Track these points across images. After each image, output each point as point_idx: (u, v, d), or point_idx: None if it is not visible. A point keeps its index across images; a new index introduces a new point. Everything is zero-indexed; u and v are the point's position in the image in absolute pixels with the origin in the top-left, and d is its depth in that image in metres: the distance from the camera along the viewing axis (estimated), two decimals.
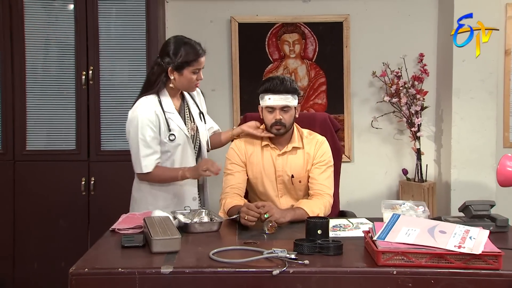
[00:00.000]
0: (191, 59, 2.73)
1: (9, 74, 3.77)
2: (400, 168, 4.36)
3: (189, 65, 2.74)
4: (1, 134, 3.80)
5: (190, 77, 2.77)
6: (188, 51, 2.74)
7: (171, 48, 2.75)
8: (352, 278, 1.92)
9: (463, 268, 1.91)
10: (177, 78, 2.77)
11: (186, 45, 2.76)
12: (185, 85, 2.81)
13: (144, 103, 2.74)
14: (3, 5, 3.74)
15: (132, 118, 2.74)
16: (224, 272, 1.90)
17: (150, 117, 2.71)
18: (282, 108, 2.75)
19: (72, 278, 1.86)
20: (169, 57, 2.73)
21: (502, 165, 2.18)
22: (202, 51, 2.79)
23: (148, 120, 2.71)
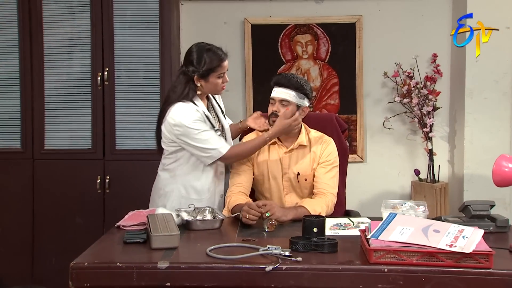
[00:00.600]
0: (215, 65, 2.82)
1: (28, 75, 3.89)
2: (413, 168, 4.35)
3: (214, 71, 2.82)
4: (21, 133, 3.92)
5: (216, 82, 2.86)
6: (212, 58, 2.81)
7: (195, 57, 2.82)
8: (344, 275, 1.96)
9: (454, 266, 1.94)
10: (203, 85, 2.85)
11: (208, 52, 2.83)
12: (212, 89, 2.91)
13: (184, 106, 2.80)
14: (23, 8, 3.86)
15: (180, 123, 2.77)
16: (218, 268, 1.97)
17: (196, 115, 2.79)
18: (281, 101, 2.82)
19: (72, 271, 1.95)
20: (193, 66, 2.81)
21: (498, 165, 2.20)
22: (224, 55, 2.88)
23: (196, 117, 2.78)
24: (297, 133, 2.92)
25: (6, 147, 3.94)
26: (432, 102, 4.08)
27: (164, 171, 2.93)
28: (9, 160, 3.93)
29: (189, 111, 2.78)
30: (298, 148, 2.90)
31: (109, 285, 1.98)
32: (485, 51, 4.01)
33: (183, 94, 2.81)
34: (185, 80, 2.83)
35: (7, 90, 3.92)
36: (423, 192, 4.14)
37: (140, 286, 1.95)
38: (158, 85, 3.89)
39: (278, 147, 2.92)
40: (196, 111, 2.80)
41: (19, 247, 3.95)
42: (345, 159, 3.23)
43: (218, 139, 2.84)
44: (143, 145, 3.89)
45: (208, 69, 2.80)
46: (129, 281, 1.95)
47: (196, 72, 2.80)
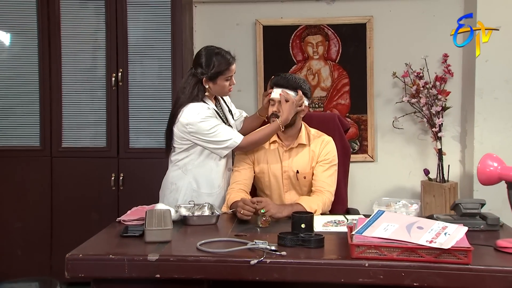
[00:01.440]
0: (223, 69, 2.92)
1: (47, 76, 4.06)
2: (424, 168, 4.37)
3: (222, 74, 2.93)
4: (40, 132, 4.10)
5: (223, 84, 2.96)
6: (220, 61, 2.91)
7: (204, 60, 2.92)
8: (326, 269, 2.03)
9: (433, 262, 1.99)
10: (212, 87, 2.96)
11: (217, 56, 2.93)
12: (219, 91, 3.01)
13: (196, 105, 2.91)
14: (42, 12, 4.03)
15: (193, 121, 2.87)
16: (205, 261, 2.05)
17: (207, 112, 2.90)
18: (281, 102, 2.89)
19: (68, 262, 2.07)
20: (202, 68, 2.92)
21: (483, 164, 2.23)
22: (232, 59, 2.97)
23: (207, 114, 2.89)
24: (297, 132, 2.99)
25: (26, 145, 4.12)
26: (441, 102, 4.10)
27: (175, 167, 3.03)
28: (29, 157, 4.11)
29: (200, 109, 2.89)
30: (298, 146, 2.97)
31: (102, 276, 2.09)
32: (495, 51, 4.04)
33: (193, 95, 2.92)
34: (194, 82, 2.94)
35: (27, 91, 4.11)
36: (433, 192, 4.16)
37: (131, 277, 2.05)
38: (170, 86, 4.01)
39: (278, 145, 2.99)
40: (208, 109, 2.91)
41: (38, 241, 4.12)
42: (348, 158, 3.29)
43: (231, 130, 2.96)
44: (156, 143, 4.02)
45: (216, 72, 2.91)
46: (121, 272, 2.05)
47: (205, 74, 2.91)
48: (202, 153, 2.98)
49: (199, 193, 2.97)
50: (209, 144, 2.93)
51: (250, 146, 2.96)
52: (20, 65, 4.10)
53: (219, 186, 3.02)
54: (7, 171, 4.13)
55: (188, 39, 4.25)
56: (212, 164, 3.00)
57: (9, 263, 4.10)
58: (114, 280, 2.10)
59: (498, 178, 2.20)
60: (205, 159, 3.00)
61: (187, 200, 2.89)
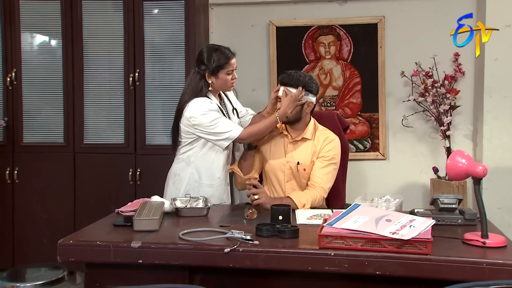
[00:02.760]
0: (223, 62, 3.10)
1: (70, 77, 4.32)
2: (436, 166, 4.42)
3: (223, 68, 3.11)
4: (64, 129, 4.35)
5: (225, 78, 3.14)
6: (220, 56, 3.11)
7: (205, 56, 3.12)
8: (294, 258, 2.16)
9: (395, 252, 2.10)
10: (214, 81, 3.14)
11: (216, 51, 3.12)
12: (222, 86, 3.18)
13: (199, 99, 3.09)
14: (66, 18, 4.29)
15: (196, 115, 3.06)
16: (183, 248, 2.22)
17: (209, 106, 3.08)
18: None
19: (59, 248, 2.27)
20: (204, 64, 3.11)
21: (452, 161, 2.30)
22: (231, 54, 3.15)
23: (209, 108, 3.07)
24: (304, 126, 3.12)
25: (51, 141, 4.39)
26: (449, 101, 4.13)
27: (179, 159, 3.23)
28: (53, 153, 4.38)
29: (203, 103, 3.08)
30: (302, 140, 3.11)
31: (90, 260, 2.29)
32: (504, 50, 4.06)
33: (197, 90, 3.12)
34: (198, 78, 3.14)
35: (52, 91, 4.37)
36: (441, 189, 4.21)
37: (117, 262, 2.24)
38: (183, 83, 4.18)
39: (285, 137, 3.14)
40: (210, 103, 3.10)
41: (62, 231, 4.36)
42: (346, 155, 3.39)
43: (231, 123, 3.13)
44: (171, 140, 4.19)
45: (217, 66, 3.09)
46: (107, 257, 2.24)
47: (207, 69, 3.10)
48: (205, 145, 3.15)
49: (200, 184, 3.15)
50: (211, 136, 3.10)
51: (250, 137, 3.12)
52: (46, 66, 4.37)
53: (219, 178, 3.18)
54: (34, 166, 4.40)
55: (203, 40, 4.42)
56: (214, 156, 3.17)
57: (36, 251, 4.37)
58: (102, 264, 2.28)
59: (465, 174, 2.27)
60: (207, 151, 3.16)
61: (189, 190, 3.08)
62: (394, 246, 2.11)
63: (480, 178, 2.25)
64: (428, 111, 4.27)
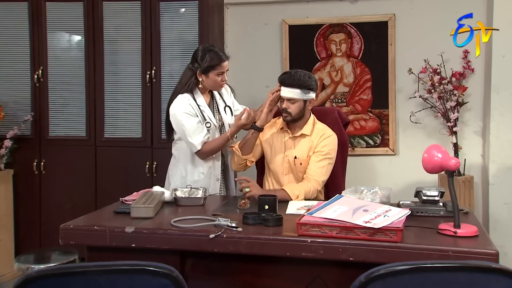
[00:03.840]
0: (215, 64, 3.25)
1: (91, 74, 4.56)
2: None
3: (214, 68, 3.26)
4: (86, 124, 4.60)
5: (215, 78, 3.28)
6: (213, 57, 3.25)
7: (199, 55, 3.28)
8: (274, 244, 2.32)
9: (367, 240, 2.24)
10: (204, 80, 3.30)
11: (210, 52, 3.27)
12: (211, 85, 3.34)
13: (180, 99, 3.28)
14: (88, 18, 4.53)
15: (173, 113, 3.28)
16: (172, 234, 2.41)
17: (186, 109, 3.25)
18: (289, 99, 3.17)
19: (61, 231, 2.48)
20: (197, 62, 3.27)
21: (428, 154, 2.41)
22: (225, 57, 3.30)
23: (186, 112, 3.25)
24: (303, 123, 3.26)
25: (74, 135, 4.65)
26: (456, 97, 4.19)
27: (172, 157, 3.43)
28: (76, 146, 4.63)
29: (182, 104, 3.25)
30: (300, 136, 3.25)
31: (89, 244, 2.50)
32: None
33: (187, 85, 3.29)
34: (190, 74, 3.31)
35: (75, 88, 4.62)
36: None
37: (112, 246, 2.44)
38: None
39: (285, 132, 3.29)
40: (189, 105, 3.25)
41: None
42: (346, 150, 3.52)
43: (198, 134, 3.25)
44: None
45: (208, 66, 3.24)
46: (104, 241, 2.44)
47: (199, 68, 3.25)
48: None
49: (187, 180, 3.33)
50: (183, 138, 3.31)
51: (207, 154, 3.31)
52: (70, 64, 4.62)
53: (203, 173, 3.35)
54: (59, 158, 4.67)
55: (218, 38, 4.60)
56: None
57: None
58: (101, 248, 2.49)
59: (440, 167, 2.38)
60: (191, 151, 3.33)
61: (178, 185, 3.25)
62: (366, 234, 2.24)
63: (453, 171, 2.35)
64: (435, 107, 4.33)
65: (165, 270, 1.57)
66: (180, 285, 1.58)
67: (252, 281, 2.49)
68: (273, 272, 2.46)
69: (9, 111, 4.66)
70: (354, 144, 4.67)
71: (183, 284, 1.59)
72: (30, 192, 4.73)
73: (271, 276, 2.47)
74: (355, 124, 4.65)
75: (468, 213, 2.75)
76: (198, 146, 3.25)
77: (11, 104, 4.70)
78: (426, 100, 4.33)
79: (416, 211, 2.66)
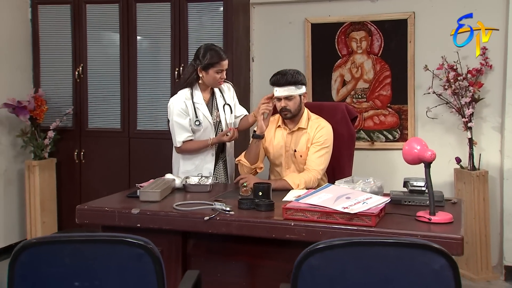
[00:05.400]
0: (214, 61, 3.49)
1: (126, 71, 4.90)
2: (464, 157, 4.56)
3: (213, 66, 3.50)
4: (120, 117, 4.95)
5: (214, 76, 3.52)
6: (213, 55, 3.49)
7: (201, 52, 3.53)
8: (261, 226, 2.55)
9: (345, 224, 2.44)
10: (204, 76, 3.54)
11: (211, 50, 3.51)
12: (210, 82, 3.57)
13: (178, 96, 3.57)
14: (123, 19, 4.87)
15: (169, 107, 3.60)
16: (172, 215, 2.68)
17: (180, 106, 3.53)
18: (286, 97, 3.37)
19: (77, 211, 2.80)
20: (199, 59, 3.52)
21: (409, 146, 2.56)
22: (225, 56, 3.53)
23: (178, 109, 3.53)
24: (299, 118, 3.46)
25: (110, 127, 5.01)
26: (471, 93, 4.28)
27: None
28: (112, 138, 4.99)
29: (177, 101, 3.54)
30: (298, 130, 3.45)
31: (100, 223, 2.80)
32: None
33: (187, 80, 3.57)
34: (191, 70, 3.58)
35: (111, 83, 4.98)
36: (463, 179, 4.37)
37: (120, 225, 2.73)
38: None
39: (283, 129, 3.49)
40: (183, 102, 3.52)
41: None
42: (352, 143, 3.70)
43: (182, 133, 3.54)
44: None
45: (208, 63, 3.48)
46: (113, 221, 2.74)
47: (200, 64, 3.51)
48: None
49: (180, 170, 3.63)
50: (170, 130, 3.62)
51: (185, 152, 3.62)
52: (106, 61, 4.98)
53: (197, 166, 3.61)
54: (97, 148, 5.05)
55: (243, 37, 4.84)
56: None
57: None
58: (111, 227, 2.78)
59: (418, 159, 2.54)
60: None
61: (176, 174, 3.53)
62: (344, 219, 2.44)
63: (430, 162, 2.50)
64: (450, 103, 4.43)
65: (140, 242, 1.81)
66: (154, 255, 1.81)
67: (246, 260, 2.74)
68: (264, 253, 2.69)
69: (53, 104, 5.08)
70: (374, 138, 4.82)
71: (157, 255, 1.82)
72: (71, 179, 5.15)
73: (263, 256, 2.70)
74: (374, 119, 4.81)
75: (456, 203, 2.89)
76: (178, 143, 3.56)
77: (55, 98, 5.10)
78: (440, 96, 4.43)
79: (403, 200, 2.83)
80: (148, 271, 1.82)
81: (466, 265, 4.40)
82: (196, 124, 3.56)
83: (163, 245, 2.74)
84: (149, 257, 1.82)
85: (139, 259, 1.81)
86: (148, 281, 1.83)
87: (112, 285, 1.84)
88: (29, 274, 1.81)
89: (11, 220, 5.10)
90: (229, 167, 3.76)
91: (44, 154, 5.03)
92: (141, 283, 1.84)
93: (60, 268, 1.82)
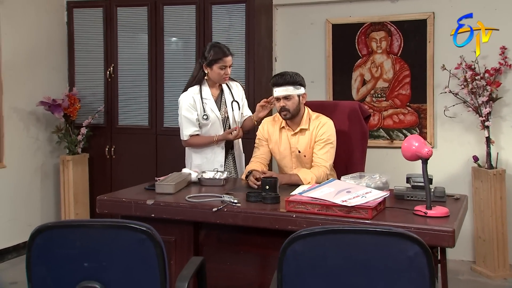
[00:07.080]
0: (218, 57, 3.67)
1: (153, 70, 5.13)
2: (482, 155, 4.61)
3: (217, 62, 3.68)
4: (148, 115, 5.18)
5: (218, 71, 3.70)
6: (217, 51, 3.68)
7: (206, 49, 3.74)
8: (265, 218, 2.70)
9: (343, 216, 2.57)
10: (209, 72, 3.73)
11: (215, 47, 3.71)
12: (215, 77, 3.75)
13: (187, 92, 3.77)
14: (151, 21, 5.10)
15: (178, 102, 3.81)
16: (184, 206, 2.85)
17: (189, 101, 3.73)
18: (285, 97, 3.49)
19: (98, 202, 3.01)
20: (204, 56, 3.72)
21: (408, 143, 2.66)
22: (228, 52, 3.70)
23: (187, 104, 3.72)
24: (300, 118, 3.56)
25: (139, 124, 5.24)
26: (488, 93, 4.33)
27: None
28: (140, 134, 5.23)
29: (186, 97, 3.75)
30: (301, 131, 3.56)
31: (118, 213, 2.99)
32: None
33: (196, 77, 3.78)
34: (198, 67, 3.79)
35: (140, 83, 5.21)
36: (480, 178, 4.42)
37: (136, 215, 2.91)
38: (243, 77, 4.80)
39: (287, 130, 3.61)
40: (191, 98, 3.72)
41: None
42: (365, 141, 3.80)
43: (190, 128, 3.75)
44: None
45: (213, 59, 3.67)
46: (130, 211, 2.93)
47: (205, 61, 3.70)
48: None
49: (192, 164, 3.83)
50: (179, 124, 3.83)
51: (191, 146, 3.85)
52: (135, 61, 5.21)
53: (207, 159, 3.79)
54: (126, 145, 5.29)
55: (265, 38, 5.00)
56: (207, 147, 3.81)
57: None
58: (128, 216, 2.95)
59: (416, 155, 2.64)
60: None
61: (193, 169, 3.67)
62: (343, 211, 2.57)
63: (427, 158, 2.61)
64: (467, 102, 4.48)
65: (143, 228, 1.99)
66: (155, 240, 1.99)
67: (254, 250, 2.89)
68: (271, 244, 2.81)
69: (85, 102, 5.34)
70: (393, 137, 4.91)
71: (158, 239, 2.00)
72: (102, 173, 5.41)
73: (269, 247, 2.82)
74: (394, 117, 4.89)
75: (459, 199, 2.97)
76: (185, 137, 3.78)
77: (87, 96, 5.37)
78: (457, 95, 4.49)
79: (406, 195, 2.93)
80: (150, 254, 2.00)
81: (483, 262, 4.45)
82: (204, 118, 3.73)
83: (176, 234, 2.95)
84: (151, 241, 1.99)
85: (142, 243, 1.99)
86: (150, 263, 2.01)
87: (117, 266, 2.03)
88: (44, 255, 2.01)
89: (47, 211, 5.41)
90: (238, 162, 3.93)
91: (78, 149, 5.30)
92: (144, 265, 2.02)
93: (72, 250, 2.02)
